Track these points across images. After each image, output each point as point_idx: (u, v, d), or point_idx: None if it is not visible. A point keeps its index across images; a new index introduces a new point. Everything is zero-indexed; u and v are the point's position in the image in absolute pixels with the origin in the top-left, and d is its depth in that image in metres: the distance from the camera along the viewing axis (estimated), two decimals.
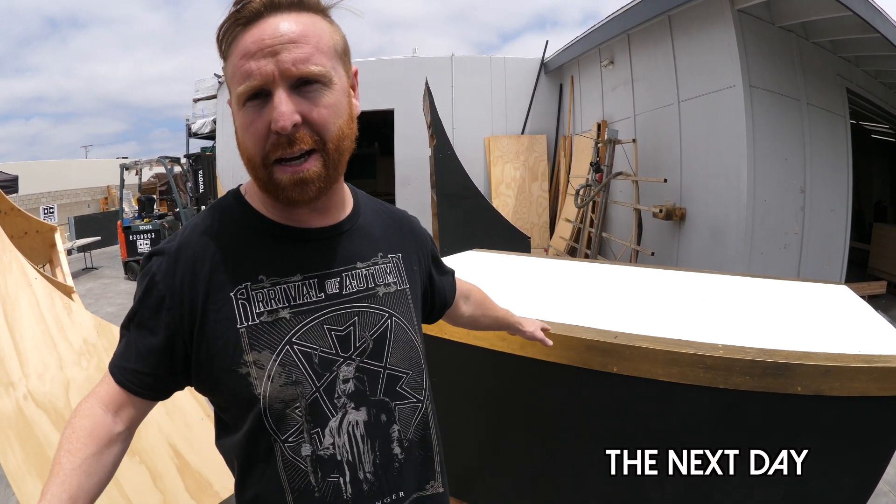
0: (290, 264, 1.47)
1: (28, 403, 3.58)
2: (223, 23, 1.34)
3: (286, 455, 1.43)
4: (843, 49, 9.65)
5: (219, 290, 1.41)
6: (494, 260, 5.12)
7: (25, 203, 22.35)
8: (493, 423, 3.52)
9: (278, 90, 1.29)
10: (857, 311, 3.44)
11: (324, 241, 1.54)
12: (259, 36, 1.29)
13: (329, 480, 1.46)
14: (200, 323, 1.40)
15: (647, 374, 2.76)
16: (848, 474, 2.70)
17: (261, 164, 1.37)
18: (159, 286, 1.40)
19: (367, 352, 1.52)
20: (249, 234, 1.49)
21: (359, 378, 1.50)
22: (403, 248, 1.74)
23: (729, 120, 8.96)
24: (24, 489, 3.25)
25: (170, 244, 1.46)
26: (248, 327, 1.40)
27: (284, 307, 1.44)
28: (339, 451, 1.46)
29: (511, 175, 17.73)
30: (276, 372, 1.40)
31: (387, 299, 1.60)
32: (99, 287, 14.85)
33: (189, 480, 3.92)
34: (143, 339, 1.42)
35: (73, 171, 31.16)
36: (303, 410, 1.42)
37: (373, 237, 1.66)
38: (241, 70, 1.31)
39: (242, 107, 1.34)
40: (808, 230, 9.15)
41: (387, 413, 1.55)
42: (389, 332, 1.58)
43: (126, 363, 1.43)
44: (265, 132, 1.32)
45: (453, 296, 2.14)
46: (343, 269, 1.54)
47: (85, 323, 4.26)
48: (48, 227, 7.45)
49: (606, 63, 13.87)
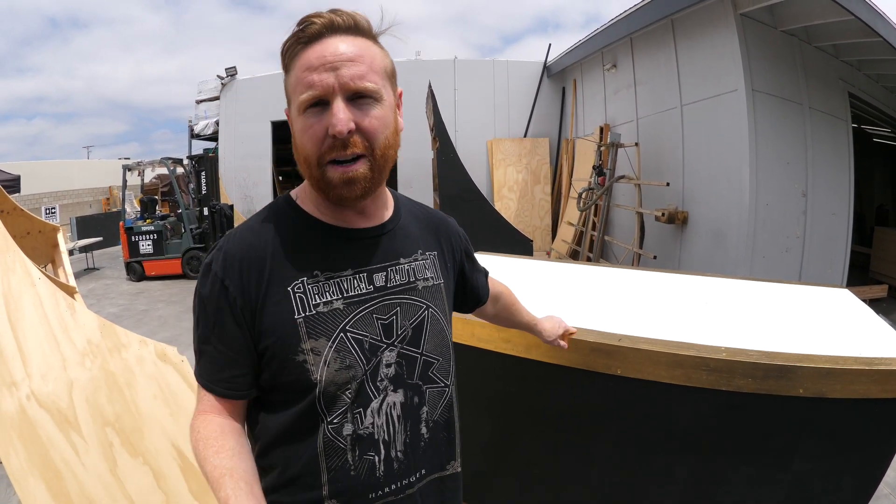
0: (341, 261, 1.62)
1: (31, 404, 3.57)
2: (287, 40, 1.53)
3: (328, 435, 1.56)
4: (845, 53, 9.67)
5: (277, 285, 1.55)
6: (496, 263, 5.12)
7: (27, 203, 22.35)
8: (498, 426, 3.52)
9: (337, 100, 1.46)
10: (859, 314, 3.45)
11: (370, 240, 1.69)
12: (321, 53, 1.47)
13: (365, 458, 1.59)
14: (261, 316, 1.54)
15: (650, 377, 2.77)
16: (849, 476, 2.71)
17: (316, 164, 1.52)
18: (229, 287, 1.54)
19: (406, 339, 1.68)
20: (304, 234, 1.63)
21: (399, 363, 1.65)
22: (439, 247, 1.91)
23: (731, 124, 8.98)
24: (26, 489, 3.23)
25: (226, 249, 1.60)
26: (306, 318, 1.54)
27: (338, 298, 1.58)
28: (377, 431, 1.61)
29: (513, 178, 17.76)
30: (331, 357, 1.54)
31: (425, 292, 1.76)
32: (101, 288, 14.85)
33: (192, 481, 3.90)
34: (229, 343, 1.56)
35: (75, 172, 31.17)
36: (352, 392, 1.56)
37: (412, 236, 1.82)
38: (305, 81, 1.48)
39: (303, 113, 1.51)
40: (809, 234, 9.16)
41: (419, 396, 1.71)
42: (426, 322, 1.74)
43: (220, 374, 1.58)
44: (322, 135, 1.48)
45: (487, 296, 2.31)
46: (388, 265, 1.70)
47: (88, 323, 4.24)
48: (50, 227, 7.41)
49: (609, 67, 13.89)
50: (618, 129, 12.90)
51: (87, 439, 3.65)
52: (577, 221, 14.45)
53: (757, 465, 2.76)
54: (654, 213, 10.35)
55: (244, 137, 19.62)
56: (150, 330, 10.42)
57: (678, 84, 10.66)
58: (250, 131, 19.53)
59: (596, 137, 13.87)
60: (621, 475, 3.11)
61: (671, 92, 10.91)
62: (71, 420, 3.67)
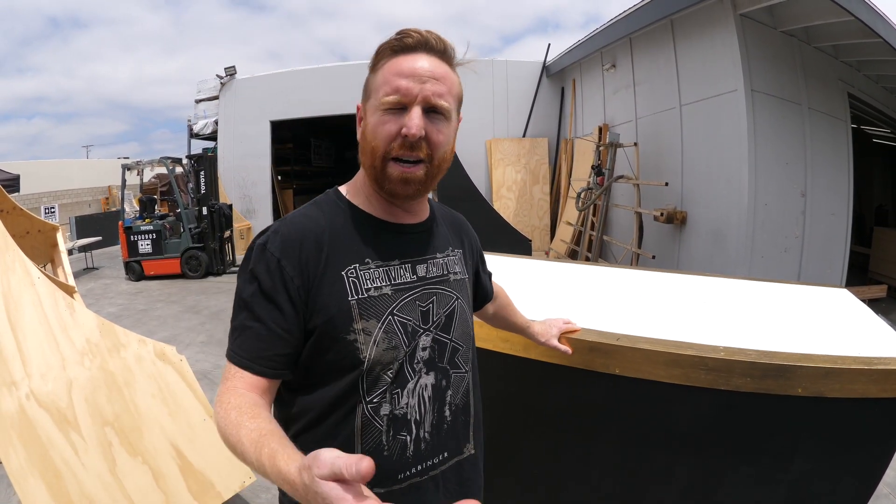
0: (390, 251, 1.77)
1: (30, 403, 3.58)
2: (384, 43, 1.69)
3: (366, 414, 1.67)
4: (844, 54, 9.68)
5: (333, 268, 1.66)
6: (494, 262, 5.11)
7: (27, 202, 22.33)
8: (498, 425, 3.52)
9: (416, 108, 1.62)
10: (858, 313, 3.45)
11: (415, 235, 1.86)
12: (414, 64, 1.63)
13: (398, 439, 1.70)
14: (315, 295, 1.63)
15: (648, 376, 2.77)
16: (848, 475, 2.71)
17: (381, 157, 1.66)
18: (286, 268, 1.62)
19: (440, 325, 1.82)
20: (356, 225, 1.76)
21: (433, 347, 1.78)
22: (462, 245, 2.07)
23: (730, 124, 9.00)
24: (26, 489, 3.25)
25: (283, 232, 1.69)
26: (358, 300, 1.65)
27: (387, 285, 1.71)
28: (410, 411, 1.73)
29: (512, 178, 17.78)
30: (380, 338, 1.66)
31: (455, 285, 1.91)
32: (100, 287, 14.80)
33: (191, 481, 3.92)
34: (280, 321, 1.62)
35: (75, 171, 31.18)
36: (393, 373, 1.68)
37: (444, 235, 1.99)
38: (393, 84, 1.62)
39: (381, 111, 1.65)
40: (808, 234, 9.17)
41: (447, 379, 1.84)
42: (456, 311, 1.88)
43: (265, 352, 1.62)
44: (394, 134, 1.62)
45: (492, 294, 2.48)
46: (428, 258, 1.86)
47: (88, 323, 4.25)
48: (50, 226, 7.42)
49: (608, 67, 13.90)
50: (617, 129, 12.92)
51: (87, 439, 3.66)
52: (576, 221, 14.46)
53: (756, 464, 2.75)
54: (653, 213, 10.36)
55: (243, 137, 19.64)
56: (149, 329, 10.34)
57: (677, 84, 10.69)
58: (249, 131, 19.55)
59: (595, 137, 13.89)
60: (621, 475, 3.11)
61: (670, 92, 10.93)
62: (70, 420, 3.68)
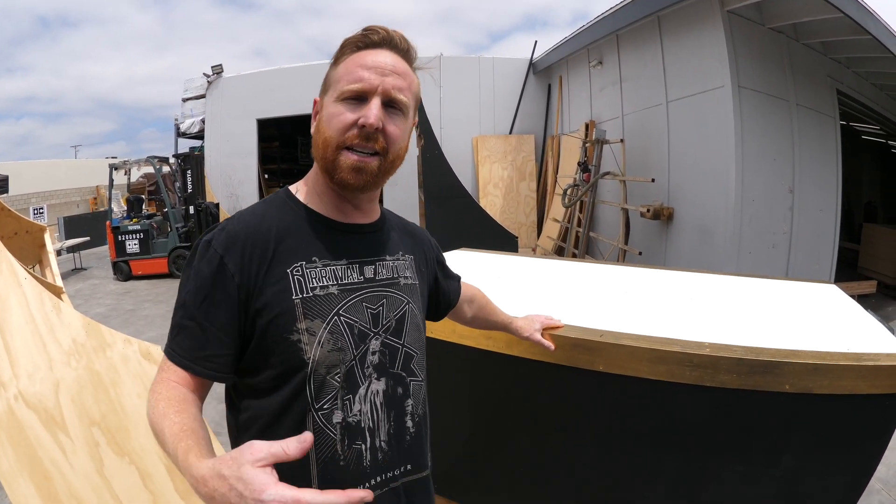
0: (338, 250, 1.74)
1: (19, 404, 3.57)
2: (350, 38, 1.71)
3: (318, 423, 1.62)
4: (833, 50, 9.69)
5: (278, 266, 1.64)
6: (481, 259, 5.11)
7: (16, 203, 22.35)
8: (480, 422, 3.51)
9: (375, 99, 1.63)
10: (846, 309, 3.44)
11: (363, 235, 1.84)
12: (377, 59, 1.66)
13: (353, 448, 1.66)
14: (257, 294, 1.61)
15: (633, 373, 2.76)
16: (839, 472, 2.70)
17: (334, 147, 1.65)
18: (228, 264, 1.60)
19: (391, 329, 1.78)
20: (304, 224, 1.74)
21: (382, 352, 1.75)
22: (414, 253, 2.04)
23: (717, 120, 9.01)
24: (17, 491, 3.23)
25: (229, 228, 1.67)
26: (303, 299, 1.63)
27: (333, 284, 1.69)
28: (363, 418, 1.69)
29: (499, 175, 17.80)
30: (325, 338, 1.62)
31: (406, 289, 1.88)
32: (88, 288, 14.77)
33: (178, 480, 3.93)
34: (218, 319, 1.60)
35: (63, 172, 31.22)
36: (341, 376, 1.64)
37: (395, 239, 1.96)
38: (355, 74, 1.64)
39: (340, 101, 1.65)
40: (796, 230, 9.19)
41: (402, 387, 1.81)
42: (407, 316, 1.85)
43: (201, 352, 1.60)
44: (350, 124, 1.62)
45: (457, 299, 2.43)
46: (377, 259, 1.83)
47: (74, 323, 4.25)
48: (38, 227, 7.39)
49: (595, 63, 13.91)
50: (603, 125, 12.94)
51: (74, 439, 3.66)
52: (563, 218, 14.48)
53: (745, 462, 2.74)
54: (640, 210, 10.36)
55: (230, 135, 19.60)
56: (137, 329, 10.40)
57: (664, 81, 10.70)
58: (236, 129, 19.51)
59: (581, 134, 13.91)
60: (607, 474, 3.10)
61: (657, 88, 10.94)
62: (58, 420, 3.68)
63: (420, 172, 11.46)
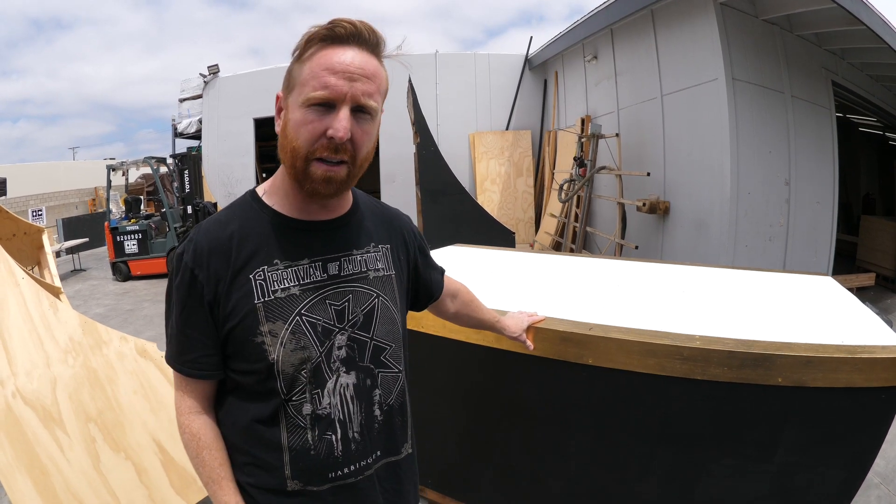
0: (299, 250, 1.78)
1: (17, 401, 3.65)
2: (315, 31, 1.65)
3: (289, 414, 1.73)
4: (828, 42, 9.66)
5: (242, 272, 1.71)
6: (476, 254, 5.11)
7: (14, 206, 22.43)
8: (472, 417, 3.51)
9: (344, 108, 1.62)
10: (842, 301, 3.44)
11: (327, 232, 1.85)
12: (343, 60, 1.62)
13: (324, 438, 1.76)
14: (225, 301, 1.70)
15: (623, 366, 2.76)
16: (835, 467, 2.68)
17: (303, 157, 1.65)
18: (199, 278, 1.70)
19: (357, 324, 1.83)
20: (266, 227, 1.78)
21: (350, 346, 1.81)
22: (392, 241, 2.05)
23: (712, 113, 8.98)
24: (15, 486, 3.31)
25: (196, 240, 1.75)
26: (265, 303, 1.70)
27: (295, 285, 1.74)
28: (333, 411, 1.77)
29: (496, 171, 17.77)
30: (287, 339, 1.70)
31: (376, 282, 1.91)
32: (87, 289, 14.83)
33: (174, 476, 4.02)
34: (197, 326, 1.73)
35: (61, 173, 31.32)
36: (308, 372, 1.72)
37: (366, 230, 1.97)
38: (322, 80, 1.61)
39: (306, 107, 1.64)
40: (793, 222, 9.16)
41: (371, 378, 1.87)
42: (376, 310, 1.89)
43: (187, 356, 1.76)
44: (319, 134, 1.62)
45: (440, 291, 2.42)
46: (342, 255, 1.85)
47: (70, 321, 4.33)
48: (36, 228, 7.46)
49: (590, 58, 13.90)
50: (599, 120, 12.91)
51: (71, 435, 3.74)
52: (560, 213, 14.47)
53: (738, 456, 2.73)
54: (636, 204, 10.36)
55: (227, 135, 19.56)
56: (136, 329, 10.44)
57: (658, 74, 10.67)
58: (233, 129, 19.47)
59: (577, 129, 13.89)
60: (597, 467, 3.10)
61: (651, 82, 10.92)
62: (55, 417, 3.75)
63: (417, 169, 11.46)
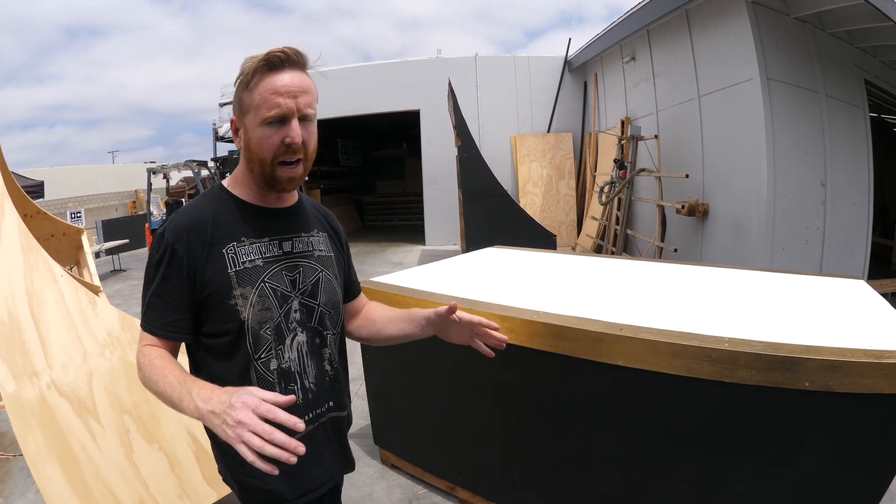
0: (261, 230, 2.14)
1: (51, 392, 3.77)
2: (255, 63, 1.97)
3: (259, 371, 2.06)
4: (859, 39, 9.50)
5: (216, 247, 2.03)
6: (514, 256, 5.16)
7: (53, 208, 22.48)
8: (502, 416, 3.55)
9: (294, 120, 1.98)
10: (872, 305, 3.39)
11: (283, 217, 2.23)
12: (284, 82, 1.96)
13: (289, 389, 2.10)
14: (202, 271, 2.00)
15: (652, 367, 2.80)
16: (858, 474, 2.65)
17: (269, 164, 2.03)
18: (178, 252, 1.99)
19: (307, 292, 2.19)
20: (235, 211, 2.13)
21: (301, 310, 2.17)
22: (328, 231, 2.43)
23: (748, 114, 8.91)
24: (42, 473, 3.42)
25: (176, 222, 2.05)
26: (236, 271, 2.03)
27: (259, 258, 2.09)
28: (292, 364, 2.13)
29: (538, 173, 17.79)
30: (255, 301, 2.03)
31: (319, 260, 2.28)
32: (127, 288, 14.93)
33: (206, 467, 4.11)
34: (172, 293, 2.01)
35: (101, 177, 31.59)
36: (271, 331, 2.07)
37: (310, 218, 2.36)
38: (272, 101, 1.94)
39: (264, 125, 1.98)
40: (829, 225, 9.03)
41: (320, 338, 2.23)
42: (321, 281, 2.25)
43: (164, 319, 2.02)
44: (279, 143, 1.99)
45: (359, 290, 2.65)
46: (294, 236, 2.23)
47: (109, 317, 4.48)
48: (75, 229, 7.57)
49: (628, 59, 13.85)
50: (638, 121, 12.90)
51: (105, 426, 3.86)
52: (601, 215, 14.42)
53: (761, 461, 2.73)
54: (675, 206, 10.30)
55: None
56: None
57: (695, 75, 10.61)
58: None
59: (617, 131, 13.86)
60: (623, 470, 3.13)
61: (688, 83, 10.85)
62: (90, 407, 3.88)
63: (458, 173, 11.48)
